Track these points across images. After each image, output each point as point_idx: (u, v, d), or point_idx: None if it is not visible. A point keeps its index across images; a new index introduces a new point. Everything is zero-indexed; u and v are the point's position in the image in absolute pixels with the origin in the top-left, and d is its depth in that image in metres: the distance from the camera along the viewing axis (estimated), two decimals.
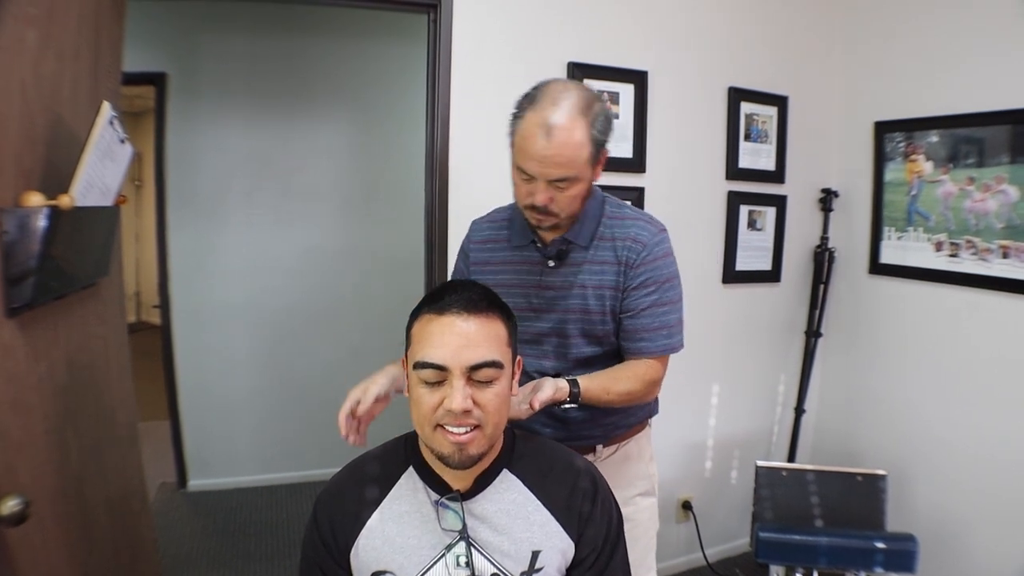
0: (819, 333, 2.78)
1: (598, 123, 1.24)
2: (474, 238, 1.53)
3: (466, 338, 0.96)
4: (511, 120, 1.27)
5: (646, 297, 1.35)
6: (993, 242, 2.19)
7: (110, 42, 1.53)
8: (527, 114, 1.22)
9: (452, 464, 0.97)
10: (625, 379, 1.34)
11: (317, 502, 1.08)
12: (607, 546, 1.08)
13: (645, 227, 1.38)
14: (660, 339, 1.36)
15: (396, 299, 3.46)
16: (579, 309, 1.39)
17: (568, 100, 1.20)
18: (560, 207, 1.28)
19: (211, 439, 3.39)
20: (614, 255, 1.36)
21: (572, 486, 1.09)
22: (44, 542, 1.09)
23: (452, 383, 0.94)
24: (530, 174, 1.23)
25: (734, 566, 2.77)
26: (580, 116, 1.20)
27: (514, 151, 1.26)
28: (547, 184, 1.23)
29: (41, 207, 0.98)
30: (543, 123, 1.18)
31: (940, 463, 2.36)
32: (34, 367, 1.07)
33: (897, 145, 2.50)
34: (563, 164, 1.21)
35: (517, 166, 1.26)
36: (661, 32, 2.39)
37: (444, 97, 2.09)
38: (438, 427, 0.96)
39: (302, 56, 3.32)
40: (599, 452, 1.54)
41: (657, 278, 1.36)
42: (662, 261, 1.37)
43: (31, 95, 1.05)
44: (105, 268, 1.46)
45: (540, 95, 1.22)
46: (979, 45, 2.23)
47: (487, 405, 0.96)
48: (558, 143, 1.19)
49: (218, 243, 3.30)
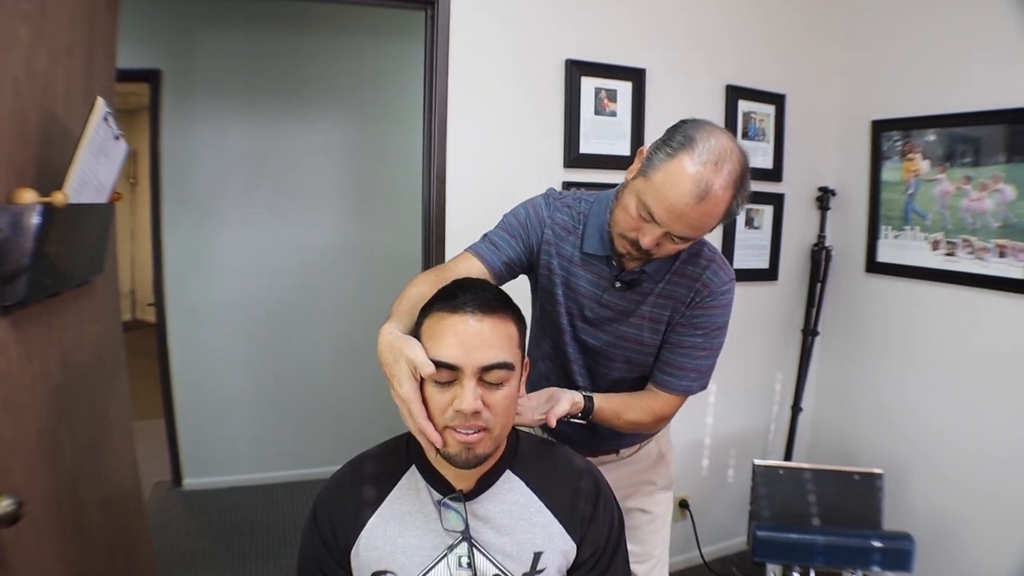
0: (816, 332, 2.78)
1: (741, 198, 1.14)
2: (555, 217, 1.39)
3: (479, 338, 0.94)
4: (656, 148, 1.15)
5: (692, 337, 1.33)
6: (990, 241, 2.19)
7: (104, 38, 1.52)
8: (681, 157, 1.09)
9: (458, 464, 0.96)
10: (638, 409, 1.33)
11: (317, 501, 1.07)
12: (608, 548, 1.09)
13: (717, 272, 1.32)
14: (687, 379, 1.34)
15: (392, 298, 3.48)
16: (633, 339, 1.36)
17: (730, 166, 1.09)
18: (659, 254, 1.21)
19: (206, 438, 3.38)
20: (681, 292, 1.32)
21: (575, 488, 1.09)
22: (38, 542, 1.07)
23: (463, 383, 0.93)
24: (655, 218, 1.12)
25: (730, 564, 2.77)
26: (733, 188, 1.11)
27: (646, 183, 1.13)
28: (664, 234, 1.14)
29: (34, 204, 0.96)
30: (701, 182, 1.07)
31: (937, 462, 2.37)
32: (27, 366, 1.06)
33: (894, 144, 2.50)
34: (696, 228, 1.13)
35: (642, 201, 1.14)
36: (659, 30, 2.38)
37: (441, 95, 2.09)
38: (446, 428, 0.94)
39: (298, 53, 3.31)
40: (621, 453, 1.56)
41: (709, 324, 1.32)
42: (721, 310, 1.33)
43: (23, 91, 1.04)
44: (100, 266, 1.45)
45: (701, 142, 1.09)
46: (976, 45, 2.23)
47: (496, 407, 0.95)
48: (704, 209, 1.09)
49: (214, 241, 3.29)
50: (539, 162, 2.25)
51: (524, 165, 2.22)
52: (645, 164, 1.16)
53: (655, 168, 1.12)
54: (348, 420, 3.50)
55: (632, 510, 1.57)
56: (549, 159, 2.26)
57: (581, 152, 2.26)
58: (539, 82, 2.22)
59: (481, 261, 1.32)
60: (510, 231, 1.38)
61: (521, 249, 1.37)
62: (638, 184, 1.16)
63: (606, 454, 1.55)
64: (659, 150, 1.14)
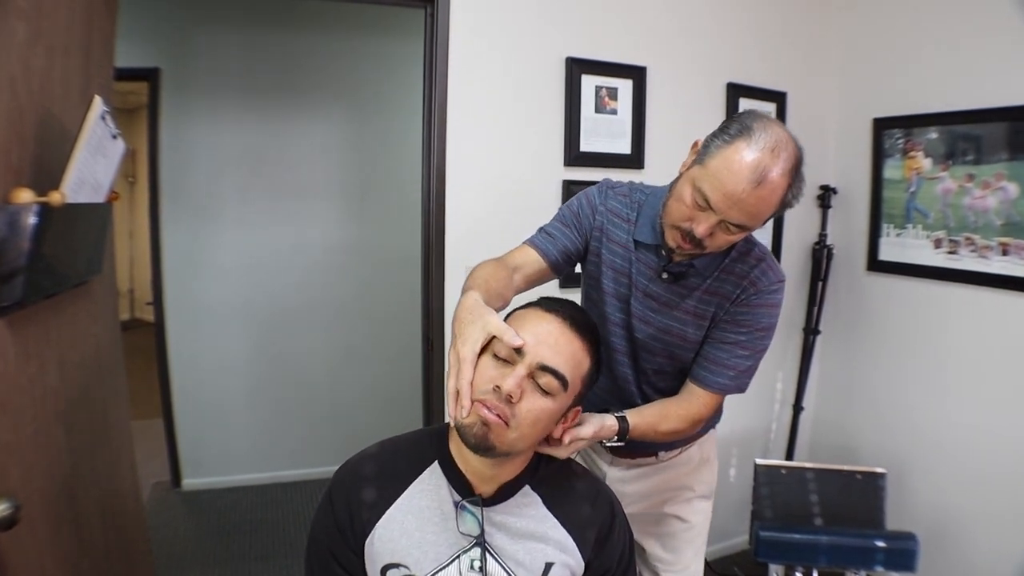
0: (817, 330, 2.77)
1: (796, 189, 1.14)
2: (608, 204, 1.39)
3: (553, 339, 0.98)
4: (713, 136, 1.15)
5: (734, 334, 1.30)
6: (992, 239, 2.18)
7: (102, 37, 1.51)
8: (738, 144, 1.09)
9: (468, 440, 0.95)
10: (674, 419, 1.30)
11: (333, 485, 1.06)
12: (619, 571, 1.09)
13: (766, 272, 1.30)
14: (724, 377, 1.31)
15: (392, 297, 3.49)
16: (676, 333, 1.34)
17: (786, 154, 1.09)
18: (711, 246, 1.19)
19: (205, 438, 3.37)
20: (728, 289, 1.30)
21: (590, 510, 1.09)
22: (35, 545, 1.06)
23: (516, 368, 0.95)
24: (711, 204, 1.11)
25: (732, 564, 2.77)
26: (789, 176, 1.10)
27: (702, 170, 1.13)
28: (718, 222, 1.13)
29: (31, 204, 0.95)
30: (758, 167, 1.07)
31: (939, 460, 2.36)
32: (24, 367, 1.05)
33: (896, 142, 2.49)
34: (752, 215, 1.11)
35: (698, 188, 1.13)
36: (660, 28, 2.37)
37: (441, 93, 2.07)
38: (478, 399, 0.94)
39: (297, 52, 3.30)
40: (661, 456, 1.53)
41: (754, 323, 1.29)
42: (767, 310, 1.30)
43: (20, 90, 1.03)
44: (98, 266, 1.43)
45: (758, 131, 1.09)
46: (978, 42, 2.22)
47: (528, 413, 0.96)
48: (761, 196, 1.09)
49: (212, 240, 3.27)
50: (539, 160, 2.23)
51: (524, 163, 2.21)
52: (701, 152, 1.16)
53: (711, 155, 1.12)
54: (347, 419, 3.49)
55: (668, 516, 1.55)
56: (549, 157, 2.25)
57: (582, 150, 2.25)
58: (539, 80, 2.21)
59: (537, 251, 1.34)
60: (564, 221, 1.40)
61: (576, 237, 1.38)
62: (693, 172, 1.16)
63: (645, 456, 1.52)
64: (716, 138, 1.14)
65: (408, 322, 3.30)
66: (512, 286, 1.17)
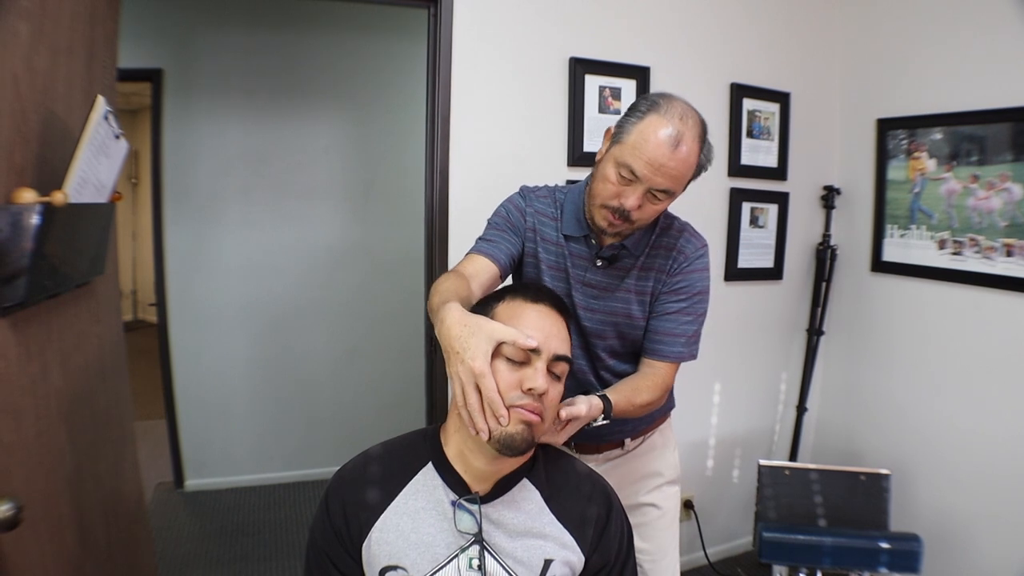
0: (821, 331, 2.76)
1: (707, 152, 1.27)
2: (534, 205, 1.46)
3: (557, 329, 1.03)
4: (624, 117, 1.27)
5: (675, 303, 1.40)
6: (997, 240, 2.17)
7: (105, 37, 1.51)
8: (651, 117, 1.21)
9: (510, 446, 0.95)
10: (646, 389, 1.35)
11: (330, 489, 1.07)
12: (618, 562, 1.09)
13: (690, 240, 1.42)
14: (677, 346, 1.39)
15: (395, 297, 3.49)
16: (623, 313, 1.42)
17: (692, 120, 1.22)
18: (641, 217, 1.28)
19: (208, 438, 3.37)
20: (660, 263, 1.40)
21: (587, 502, 1.09)
22: (38, 547, 1.06)
23: (535, 365, 0.98)
24: (636, 175, 1.22)
25: (736, 565, 2.76)
26: (700, 140, 1.23)
27: (621, 148, 1.24)
28: (646, 191, 1.23)
29: (34, 204, 0.95)
30: (674, 133, 1.19)
31: (944, 462, 2.35)
32: (26, 368, 1.05)
33: (900, 142, 2.48)
34: (675, 178, 1.22)
35: (622, 163, 1.23)
36: (663, 28, 2.37)
37: (444, 93, 2.07)
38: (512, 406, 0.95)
39: (300, 52, 3.30)
40: (627, 445, 1.57)
41: (690, 289, 1.40)
42: (699, 274, 1.41)
43: (23, 90, 1.03)
44: (100, 266, 1.43)
45: (666, 105, 1.21)
46: (982, 42, 2.21)
47: (551, 402, 1.01)
48: (681, 157, 1.20)
49: (215, 240, 3.28)
50: (543, 161, 2.23)
51: (527, 164, 2.21)
52: (616, 134, 1.27)
53: (628, 132, 1.23)
54: (350, 419, 3.49)
55: (643, 506, 1.58)
56: (553, 158, 2.24)
57: (585, 151, 2.24)
58: (543, 80, 2.21)
59: (486, 257, 1.36)
60: (498, 228, 1.44)
61: (514, 239, 1.43)
62: (614, 152, 1.26)
63: (611, 447, 1.56)
64: (629, 116, 1.25)
65: (410, 321, 3.31)
66: (472, 296, 1.19)
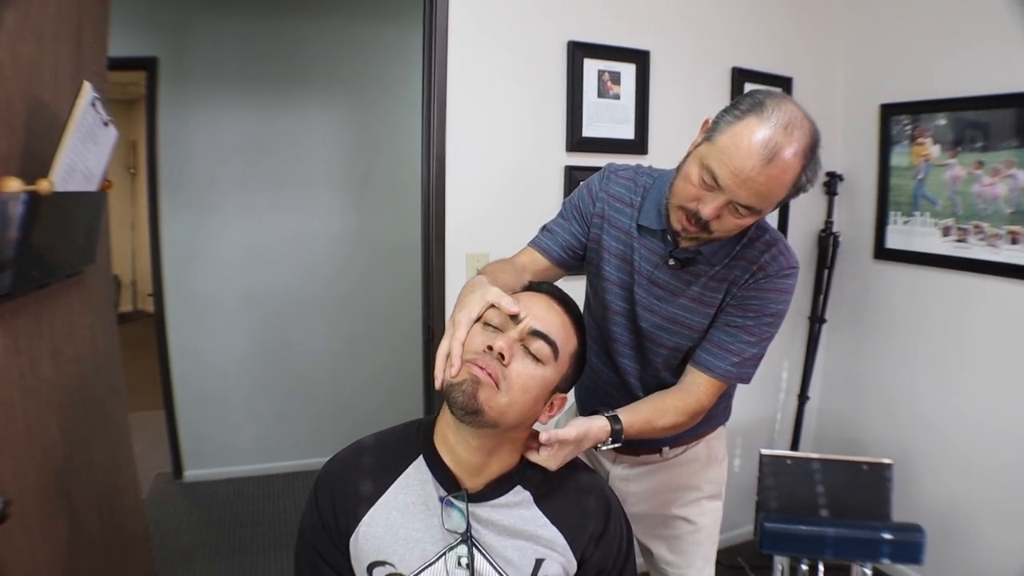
0: (823, 319, 2.75)
1: (810, 172, 1.07)
2: (609, 188, 1.34)
3: (544, 311, 1.01)
4: (723, 112, 1.10)
5: (739, 318, 1.25)
6: (1002, 227, 2.15)
7: (94, 24, 1.48)
8: (749, 119, 1.03)
9: (455, 401, 0.93)
10: (671, 411, 1.22)
11: (319, 481, 1.05)
12: (616, 567, 1.07)
13: (777, 257, 1.24)
14: (726, 362, 1.25)
15: (394, 286, 3.47)
16: (681, 321, 1.29)
17: (800, 133, 1.03)
18: (719, 230, 1.12)
19: (207, 429, 3.36)
20: (736, 275, 1.24)
21: (583, 506, 1.06)
22: (28, 542, 1.05)
23: (508, 333, 0.97)
24: (719, 183, 1.05)
25: (736, 555, 2.75)
26: (803, 157, 1.04)
27: (710, 147, 1.07)
28: (727, 202, 1.07)
29: (18, 193, 0.93)
30: (769, 143, 1.01)
31: (946, 452, 2.34)
32: (14, 360, 1.03)
33: (903, 128, 2.45)
34: (762, 195, 1.05)
35: (706, 165, 1.07)
36: (664, 11, 2.33)
37: (441, 79, 2.04)
38: (468, 360, 0.94)
39: (296, 40, 3.26)
40: (665, 453, 1.49)
41: (762, 309, 1.25)
42: (776, 295, 1.24)
43: (8, 77, 1.01)
44: (91, 255, 1.41)
45: (771, 108, 1.03)
46: (986, 28, 2.18)
47: (519, 378, 0.95)
48: (772, 174, 1.02)
49: (212, 230, 3.25)
50: (541, 146, 2.20)
51: (526, 150, 2.18)
52: (711, 129, 1.10)
53: (721, 131, 1.07)
54: (350, 409, 3.47)
55: (675, 518, 1.51)
56: (551, 143, 2.21)
57: (584, 136, 2.21)
58: (541, 65, 2.17)
59: (538, 250, 1.34)
60: (564, 215, 1.39)
61: (577, 229, 1.36)
62: (702, 150, 1.10)
63: (648, 453, 1.48)
64: (727, 113, 1.08)
65: (410, 311, 3.28)
66: (521, 284, 1.15)
